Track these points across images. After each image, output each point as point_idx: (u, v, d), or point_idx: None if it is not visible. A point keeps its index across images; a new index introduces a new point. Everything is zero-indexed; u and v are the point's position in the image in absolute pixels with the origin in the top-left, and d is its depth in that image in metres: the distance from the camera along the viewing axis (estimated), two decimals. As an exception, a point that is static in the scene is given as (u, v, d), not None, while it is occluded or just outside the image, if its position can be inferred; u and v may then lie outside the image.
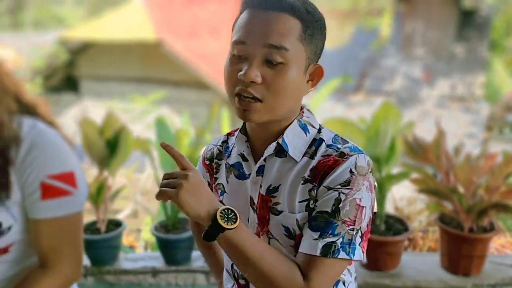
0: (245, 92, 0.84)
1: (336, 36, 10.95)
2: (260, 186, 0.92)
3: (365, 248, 0.87)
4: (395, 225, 2.26)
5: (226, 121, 3.73)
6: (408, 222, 2.32)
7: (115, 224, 2.34)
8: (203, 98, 9.19)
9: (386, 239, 2.15)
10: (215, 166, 1.04)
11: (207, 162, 1.07)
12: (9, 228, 0.99)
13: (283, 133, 0.91)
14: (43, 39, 10.97)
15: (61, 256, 1.01)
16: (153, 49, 8.73)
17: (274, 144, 0.90)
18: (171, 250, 2.26)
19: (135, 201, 4.04)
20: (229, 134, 1.07)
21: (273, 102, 0.85)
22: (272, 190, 0.91)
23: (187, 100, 9.07)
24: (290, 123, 0.92)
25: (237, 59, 0.86)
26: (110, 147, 2.23)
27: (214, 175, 1.04)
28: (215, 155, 1.05)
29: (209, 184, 1.07)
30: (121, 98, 8.46)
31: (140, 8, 9.46)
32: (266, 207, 0.91)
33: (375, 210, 1.02)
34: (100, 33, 9.39)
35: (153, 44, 8.66)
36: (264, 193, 0.92)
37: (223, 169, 1.02)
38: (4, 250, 1.00)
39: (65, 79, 10.52)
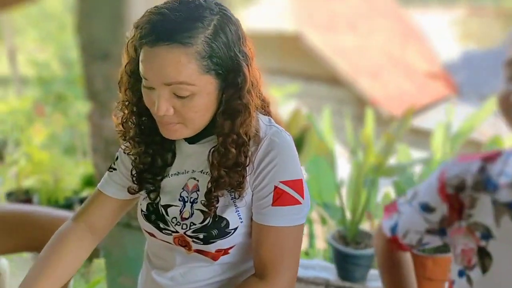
0: None
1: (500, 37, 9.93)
2: None
3: None
4: None
5: (370, 124, 3.36)
6: None
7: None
8: (333, 94, 8.95)
9: None
10: (467, 199, 0.84)
11: (450, 192, 0.86)
12: (234, 230, 0.93)
13: None
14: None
15: (280, 269, 0.91)
16: (291, 41, 8.71)
17: None
18: (348, 264, 2.07)
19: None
20: (486, 159, 0.85)
21: None
22: None
23: (318, 95, 8.90)
24: None
25: None
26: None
27: (467, 210, 0.84)
28: (469, 185, 0.84)
29: (442, 218, 0.88)
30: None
31: (280, 1, 9.50)
32: None
33: None
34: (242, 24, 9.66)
35: (292, 37, 8.63)
36: None
37: (485, 205, 0.82)
38: (225, 252, 0.96)
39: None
